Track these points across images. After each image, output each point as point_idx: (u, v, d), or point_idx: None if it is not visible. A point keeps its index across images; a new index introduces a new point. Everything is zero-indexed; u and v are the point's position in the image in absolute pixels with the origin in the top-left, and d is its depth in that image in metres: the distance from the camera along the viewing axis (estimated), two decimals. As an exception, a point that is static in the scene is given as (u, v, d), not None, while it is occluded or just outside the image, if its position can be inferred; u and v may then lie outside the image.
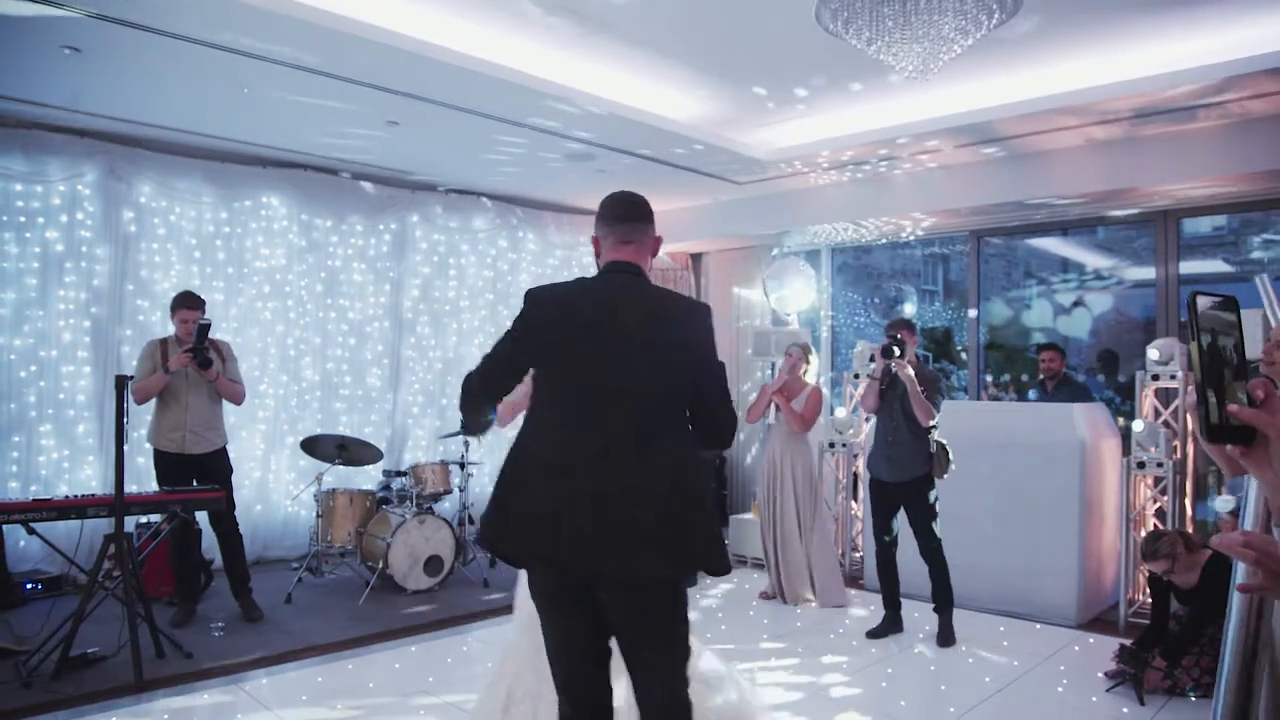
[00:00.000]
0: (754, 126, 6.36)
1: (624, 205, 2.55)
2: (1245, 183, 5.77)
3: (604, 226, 2.53)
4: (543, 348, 2.39)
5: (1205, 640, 4.31)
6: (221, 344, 5.43)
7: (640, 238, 2.52)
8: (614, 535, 2.21)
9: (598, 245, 2.56)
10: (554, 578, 2.33)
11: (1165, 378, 5.49)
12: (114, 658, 4.50)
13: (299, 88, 5.15)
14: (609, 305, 2.40)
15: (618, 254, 2.49)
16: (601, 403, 2.31)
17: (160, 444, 5.22)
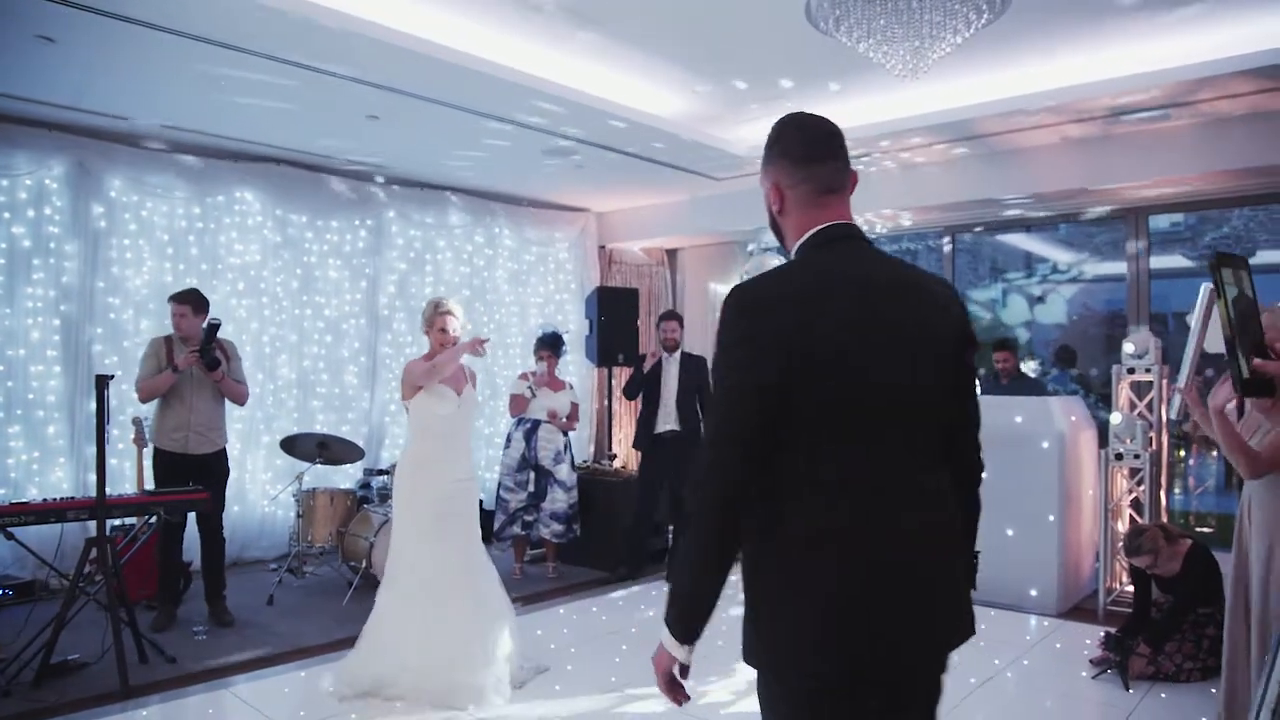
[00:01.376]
0: (734, 123, 6.37)
1: (824, 135, 1.81)
2: (1215, 180, 5.91)
3: (790, 169, 1.79)
4: (805, 381, 1.60)
5: (1187, 626, 4.43)
6: (226, 343, 5.37)
7: (847, 182, 1.82)
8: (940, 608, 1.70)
9: (781, 196, 1.81)
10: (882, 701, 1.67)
11: (1140, 371, 5.61)
12: (96, 664, 4.40)
13: (278, 80, 5.06)
14: (871, 297, 1.69)
15: (825, 212, 1.78)
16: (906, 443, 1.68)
17: (163, 443, 5.15)
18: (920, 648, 1.67)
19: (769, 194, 1.84)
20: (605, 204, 8.72)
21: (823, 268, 1.73)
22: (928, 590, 1.67)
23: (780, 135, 1.83)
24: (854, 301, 1.67)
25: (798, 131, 1.82)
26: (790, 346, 1.60)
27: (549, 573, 6.56)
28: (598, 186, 7.89)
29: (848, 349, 1.63)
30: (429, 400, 4.21)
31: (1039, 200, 6.67)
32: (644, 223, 8.74)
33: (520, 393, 6.41)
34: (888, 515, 1.64)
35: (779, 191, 1.81)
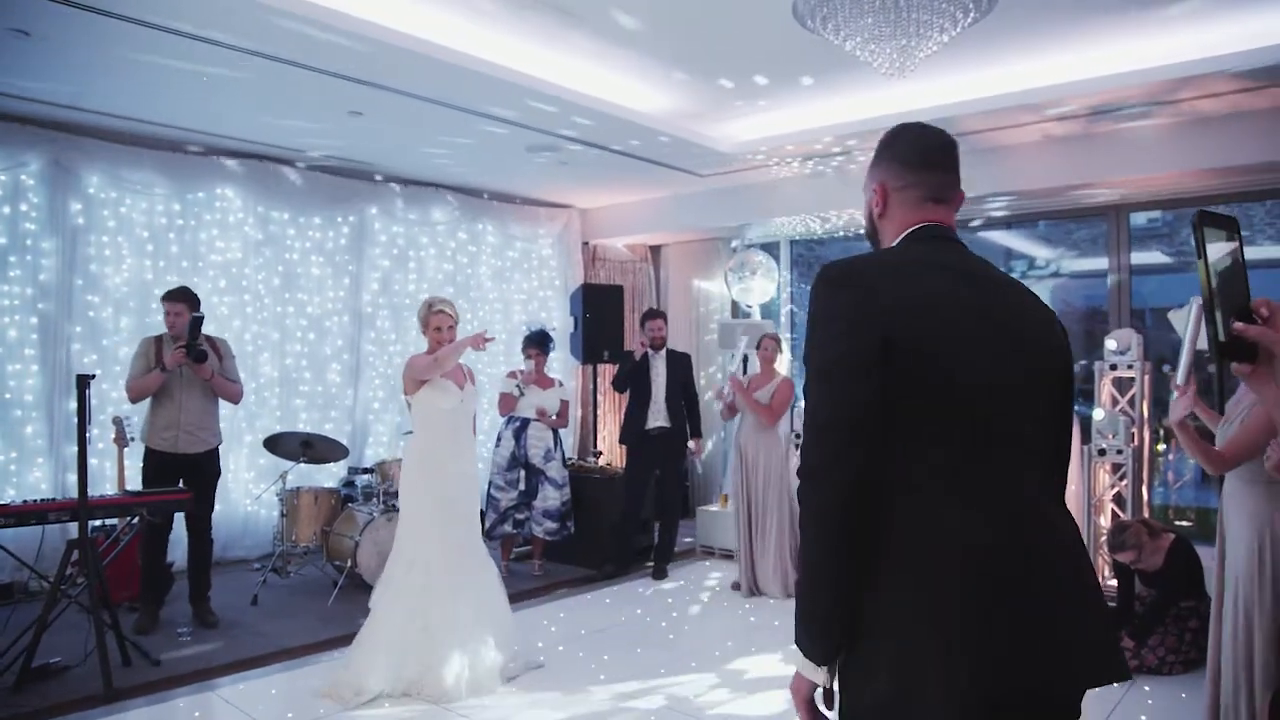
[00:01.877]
0: (718, 120, 6.37)
1: (940, 145, 1.75)
2: (1196, 179, 5.97)
3: (901, 171, 1.72)
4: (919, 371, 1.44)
5: (1169, 619, 4.48)
6: (219, 341, 5.32)
7: (955, 196, 1.74)
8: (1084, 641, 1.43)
9: (884, 197, 1.74)
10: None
11: (1123, 367, 5.66)
12: (79, 667, 4.35)
13: (260, 76, 5.01)
14: (980, 293, 1.56)
15: (932, 214, 1.70)
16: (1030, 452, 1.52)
17: (153, 443, 5.10)
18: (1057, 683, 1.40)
19: (872, 196, 1.76)
20: (589, 200, 8.70)
21: (931, 259, 1.61)
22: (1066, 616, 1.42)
23: (896, 138, 1.77)
24: (958, 290, 1.54)
25: (916, 137, 1.77)
26: (891, 323, 1.44)
27: (535, 570, 6.54)
28: (582, 183, 7.87)
29: (952, 336, 1.48)
30: (432, 395, 4.26)
31: (1020, 198, 6.71)
32: (628, 219, 8.72)
33: (508, 391, 6.39)
34: (1015, 527, 1.43)
35: (884, 192, 1.74)
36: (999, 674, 1.36)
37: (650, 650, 4.85)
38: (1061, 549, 1.47)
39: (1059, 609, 1.41)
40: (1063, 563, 1.46)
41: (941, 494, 1.42)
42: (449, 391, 4.29)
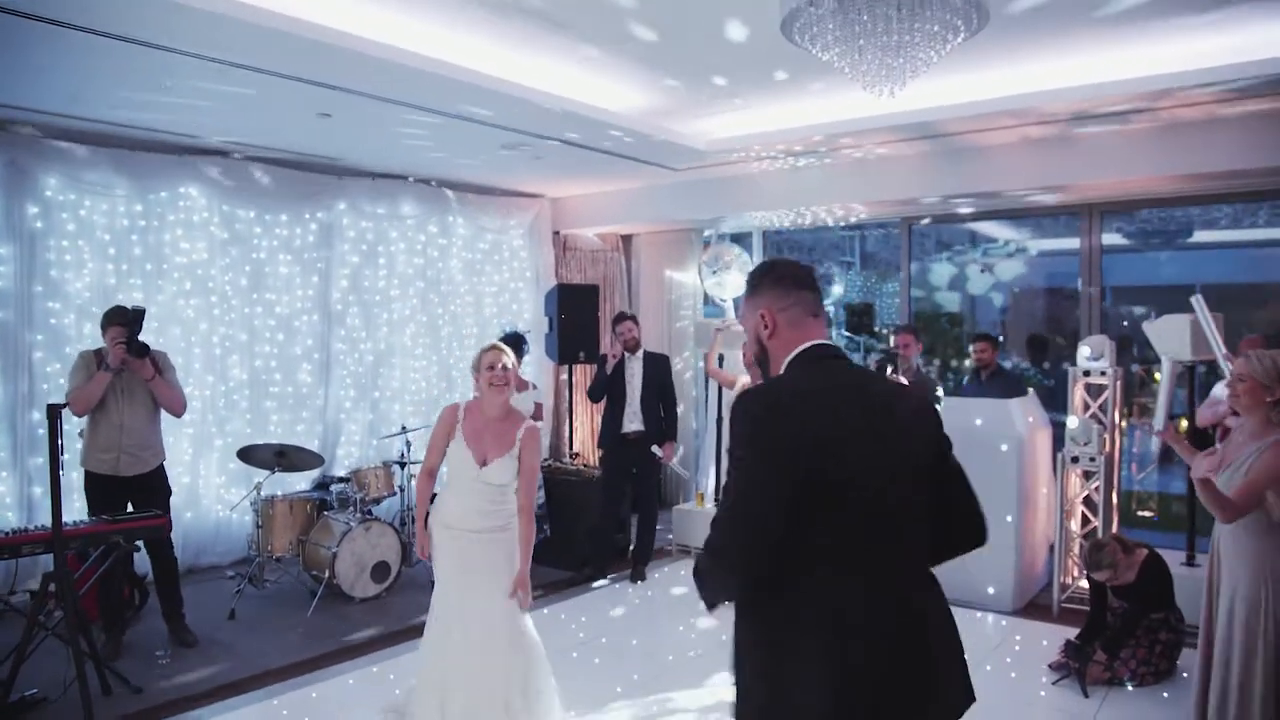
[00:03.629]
0: (693, 118, 6.29)
1: (805, 270, 2.07)
2: (1170, 183, 6.04)
3: (781, 295, 2.01)
4: (819, 481, 1.78)
5: (1141, 632, 4.61)
6: (157, 354, 5.07)
7: (824, 311, 2.06)
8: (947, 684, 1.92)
9: (771, 319, 2.01)
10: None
11: (1096, 374, 5.75)
12: (58, 700, 4.26)
13: (222, 86, 4.85)
14: (863, 408, 1.89)
15: (810, 332, 1.99)
16: (904, 540, 1.89)
17: (92, 465, 4.91)
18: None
19: (758, 322, 2.03)
20: (560, 190, 8.58)
21: (826, 382, 1.93)
22: (931, 669, 1.87)
23: (770, 268, 2.09)
24: (852, 414, 1.86)
25: (785, 265, 2.09)
26: (805, 456, 1.77)
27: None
28: (553, 174, 7.75)
29: (854, 457, 1.82)
30: (455, 450, 3.78)
31: (996, 197, 6.74)
32: (599, 209, 8.62)
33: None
34: (893, 605, 1.83)
35: (770, 315, 2.01)
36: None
37: (638, 660, 4.88)
38: (923, 627, 1.88)
39: (917, 676, 1.83)
40: (922, 639, 1.87)
41: (833, 584, 1.80)
42: (459, 456, 3.74)
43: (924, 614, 1.90)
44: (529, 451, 3.77)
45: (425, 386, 7.88)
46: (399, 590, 6.11)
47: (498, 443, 3.74)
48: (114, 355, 4.79)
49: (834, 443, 1.80)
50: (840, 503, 1.80)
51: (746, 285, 2.11)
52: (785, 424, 1.80)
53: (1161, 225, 9.57)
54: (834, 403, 1.87)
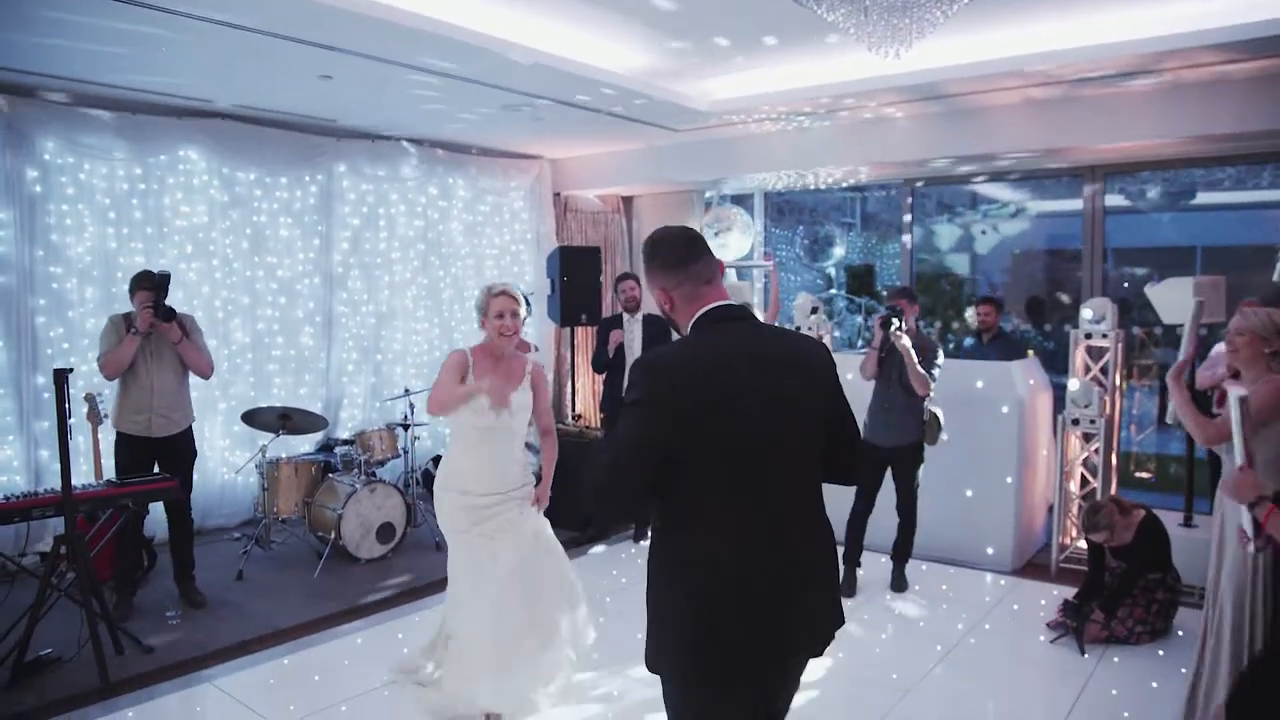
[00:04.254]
0: (695, 79, 6.24)
1: (686, 243, 2.18)
2: (1175, 145, 6.01)
3: (672, 274, 2.15)
4: (695, 434, 1.98)
5: (1138, 591, 4.67)
6: (184, 317, 5.13)
7: (716, 272, 2.19)
8: (813, 617, 2.12)
9: (669, 298, 2.17)
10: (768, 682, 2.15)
11: (1097, 336, 5.77)
12: (73, 659, 4.33)
13: (225, 42, 4.79)
14: (750, 366, 2.05)
15: (707, 298, 2.14)
16: (778, 487, 2.05)
17: (124, 426, 4.99)
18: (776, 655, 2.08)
19: (659, 298, 2.19)
20: (560, 151, 8.53)
21: (713, 343, 2.10)
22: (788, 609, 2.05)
23: (654, 250, 2.20)
24: (740, 372, 2.03)
25: (668, 245, 2.19)
26: (685, 408, 1.96)
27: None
28: (553, 135, 7.69)
29: (734, 411, 1.99)
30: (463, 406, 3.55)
31: (998, 158, 6.71)
32: (600, 170, 8.57)
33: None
34: (758, 548, 2.02)
35: (666, 294, 2.17)
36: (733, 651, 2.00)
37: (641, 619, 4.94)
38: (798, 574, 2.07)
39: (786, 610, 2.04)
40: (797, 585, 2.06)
41: (715, 527, 2.01)
42: (479, 410, 3.49)
43: (798, 562, 2.08)
44: (540, 379, 3.71)
45: (427, 349, 7.90)
46: (404, 551, 6.18)
47: (511, 379, 3.58)
48: (142, 319, 4.84)
49: (717, 399, 1.98)
50: (723, 454, 1.99)
51: (644, 262, 2.26)
52: (668, 382, 1.99)
53: (1165, 187, 9.53)
54: (721, 361, 2.04)
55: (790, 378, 2.10)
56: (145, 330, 4.87)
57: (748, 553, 2.01)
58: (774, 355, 2.11)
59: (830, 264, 10.05)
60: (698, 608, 2.00)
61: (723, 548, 2.01)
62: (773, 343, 2.16)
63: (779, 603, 2.03)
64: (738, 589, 1.99)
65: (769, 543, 2.03)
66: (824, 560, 2.17)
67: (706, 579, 2.01)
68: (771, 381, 2.05)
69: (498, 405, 3.48)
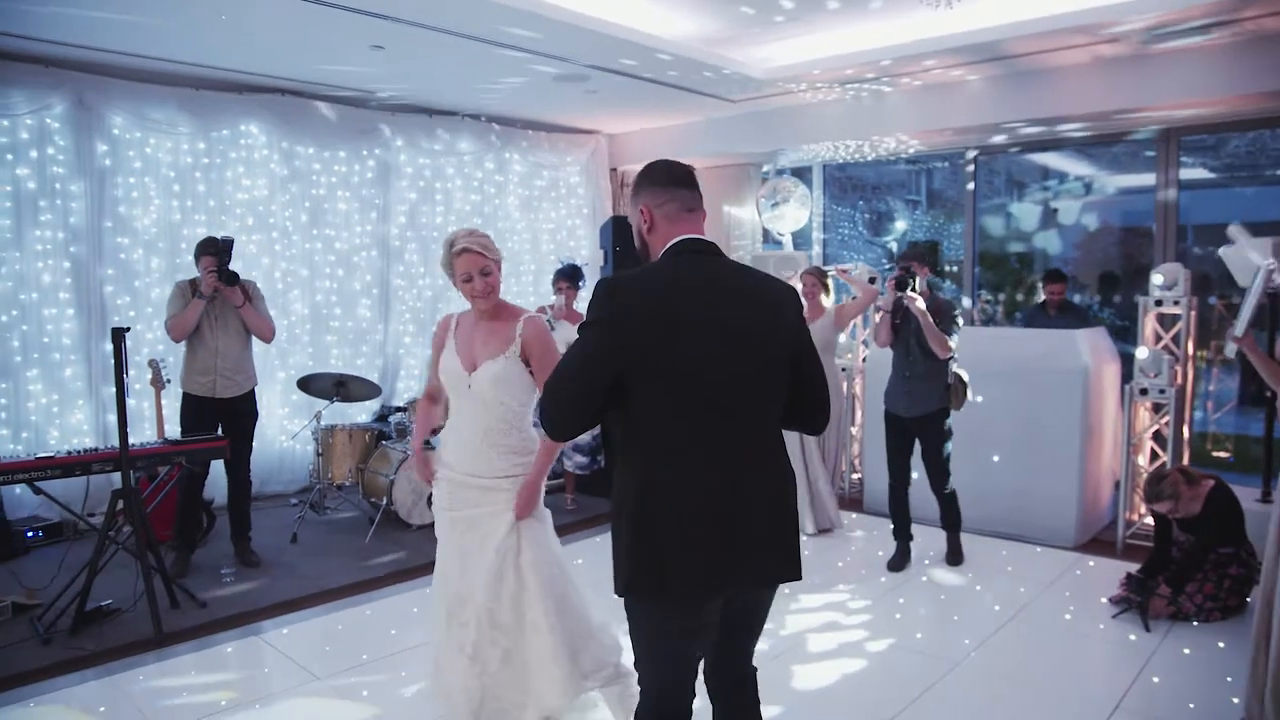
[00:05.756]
0: (751, 44, 6.13)
1: (682, 169, 2.23)
2: (1252, 101, 5.69)
3: (658, 192, 2.19)
4: (645, 358, 2.00)
5: (1209, 566, 4.44)
6: (247, 283, 5.25)
7: (701, 206, 2.23)
8: (758, 551, 2.11)
9: (650, 215, 2.19)
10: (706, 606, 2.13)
11: (1169, 304, 5.50)
12: (130, 611, 4.47)
13: (280, 12, 4.86)
14: (710, 297, 2.07)
15: (684, 226, 2.17)
16: (725, 416, 2.06)
17: (190, 387, 5.13)
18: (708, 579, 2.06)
19: (639, 218, 2.22)
20: (617, 126, 8.49)
21: (677, 272, 2.10)
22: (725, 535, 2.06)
23: (648, 170, 2.24)
24: (698, 302, 2.05)
25: (663, 165, 2.25)
26: (636, 332, 1.99)
27: (568, 504, 6.61)
28: (609, 109, 7.67)
29: (686, 340, 2.01)
30: (446, 363, 3.07)
31: (1065, 122, 6.45)
32: (656, 145, 8.51)
33: (538, 327, 6.33)
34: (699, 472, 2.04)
35: (648, 211, 2.19)
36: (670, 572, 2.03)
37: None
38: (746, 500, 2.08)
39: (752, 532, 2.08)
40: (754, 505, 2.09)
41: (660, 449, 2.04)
42: (449, 367, 3.04)
43: (741, 492, 2.08)
44: (537, 344, 2.98)
45: (483, 323, 7.94)
46: (456, 519, 6.22)
47: (490, 342, 2.99)
48: (206, 283, 4.98)
49: (671, 326, 2.01)
50: (672, 380, 2.01)
51: (633, 184, 2.28)
52: (624, 305, 2.01)
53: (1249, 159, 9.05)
54: (682, 289, 2.06)
55: (752, 312, 2.11)
56: (209, 293, 5.00)
57: (687, 474, 2.04)
58: (737, 289, 2.13)
59: (891, 239, 9.82)
60: (639, 523, 2.04)
61: (665, 469, 2.04)
62: (738, 277, 2.17)
63: (716, 526, 2.05)
64: (677, 507, 2.03)
65: (711, 468, 2.05)
66: (774, 497, 2.15)
67: (648, 496, 2.04)
68: (731, 314, 2.07)
69: (467, 369, 2.99)
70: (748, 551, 2.10)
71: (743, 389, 2.09)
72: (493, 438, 3.01)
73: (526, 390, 3.03)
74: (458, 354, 3.03)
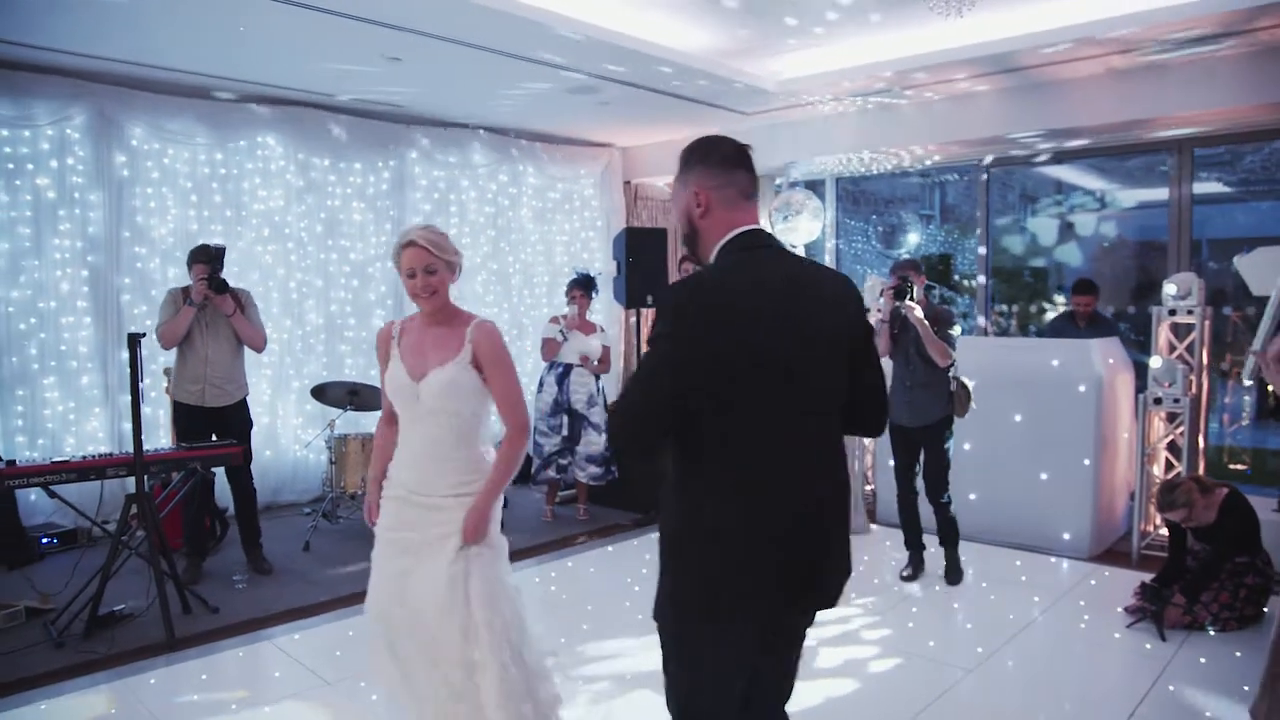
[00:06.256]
0: (762, 56, 6.16)
1: (737, 149, 2.03)
2: (1267, 112, 5.67)
3: (715, 173, 2.00)
4: (724, 367, 1.87)
5: (1225, 575, 4.39)
6: (240, 292, 5.26)
7: (757, 192, 2.07)
8: (832, 569, 2.02)
9: (707, 199, 2.00)
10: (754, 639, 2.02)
11: (1182, 313, 5.48)
12: (142, 615, 4.50)
13: (296, 24, 4.93)
14: (786, 299, 1.94)
15: (743, 215, 2.02)
16: (803, 425, 1.96)
17: (179, 396, 5.13)
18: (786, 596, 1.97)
19: (690, 200, 2.02)
20: (630, 139, 8.54)
21: (750, 273, 1.95)
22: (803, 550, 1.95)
23: (700, 146, 2.04)
24: (772, 306, 1.92)
25: (718, 144, 2.04)
26: (714, 342, 1.86)
27: (580, 515, 6.61)
28: (622, 122, 7.71)
29: (764, 347, 1.89)
30: (392, 373, 2.84)
31: (1078, 134, 6.45)
32: (669, 157, 8.42)
33: (551, 336, 6.37)
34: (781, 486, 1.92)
35: (703, 194, 2.00)
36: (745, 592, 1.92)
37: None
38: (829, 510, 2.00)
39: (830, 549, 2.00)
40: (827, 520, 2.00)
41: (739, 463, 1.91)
42: (395, 376, 2.81)
43: (819, 504, 1.98)
44: (488, 350, 2.77)
45: (496, 335, 7.98)
46: (467, 528, 6.23)
47: (439, 348, 2.78)
48: (196, 290, 4.98)
49: (747, 334, 1.88)
50: (750, 389, 1.88)
51: (682, 160, 2.07)
52: (701, 313, 1.88)
53: (1264, 173, 9.01)
54: (755, 293, 1.92)
55: (825, 312, 1.99)
56: (200, 301, 4.99)
57: (766, 488, 1.92)
58: (810, 289, 1.99)
59: (904, 251, 9.81)
60: (714, 542, 1.91)
61: (743, 483, 1.91)
62: (809, 275, 2.03)
63: (797, 542, 1.94)
64: (757, 525, 1.90)
65: (792, 482, 1.94)
66: (841, 507, 2.06)
67: (724, 513, 1.91)
68: (808, 317, 1.95)
69: (415, 378, 2.76)
70: (824, 569, 2.00)
71: (819, 396, 1.98)
72: (441, 450, 2.76)
73: (479, 399, 2.79)
74: (404, 363, 2.80)
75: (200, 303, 5.00)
